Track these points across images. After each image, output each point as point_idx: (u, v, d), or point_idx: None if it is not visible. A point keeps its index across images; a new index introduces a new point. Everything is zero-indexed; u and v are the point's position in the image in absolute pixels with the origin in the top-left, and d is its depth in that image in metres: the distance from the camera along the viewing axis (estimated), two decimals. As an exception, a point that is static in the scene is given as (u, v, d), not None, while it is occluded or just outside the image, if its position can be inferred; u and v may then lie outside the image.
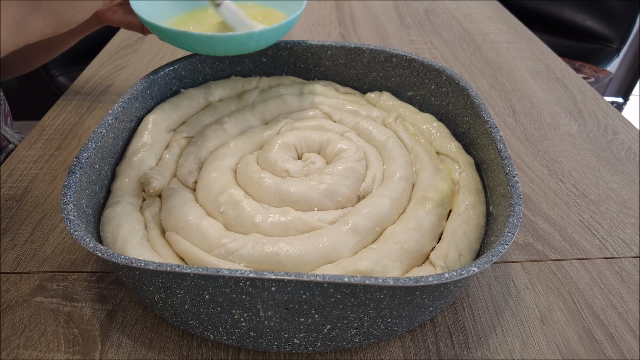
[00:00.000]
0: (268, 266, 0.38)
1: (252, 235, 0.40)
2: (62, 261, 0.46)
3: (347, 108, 0.57)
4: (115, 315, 0.41)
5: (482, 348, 0.40)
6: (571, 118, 0.69)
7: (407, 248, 0.40)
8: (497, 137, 0.44)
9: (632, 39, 1.39)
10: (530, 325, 0.41)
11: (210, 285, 0.32)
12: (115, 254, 0.33)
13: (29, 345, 0.39)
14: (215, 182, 0.45)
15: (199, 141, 0.51)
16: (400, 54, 0.58)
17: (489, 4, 1.08)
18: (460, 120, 0.54)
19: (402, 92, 0.60)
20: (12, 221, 0.51)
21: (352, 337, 0.36)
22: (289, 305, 0.33)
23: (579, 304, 0.43)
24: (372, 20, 1.00)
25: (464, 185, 0.46)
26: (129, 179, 0.46)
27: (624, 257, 0.48)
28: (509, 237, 0.35)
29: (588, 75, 1.27)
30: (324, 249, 0.39)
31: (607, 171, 0.59)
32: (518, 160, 0.60)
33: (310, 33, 0.94)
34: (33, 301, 0.42)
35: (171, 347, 0.39)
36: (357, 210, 0.42)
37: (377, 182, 0.47)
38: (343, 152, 0.48)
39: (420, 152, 0.50)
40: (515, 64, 0.83)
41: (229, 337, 0.37)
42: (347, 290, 0.32)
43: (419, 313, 0.36)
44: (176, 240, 0.41)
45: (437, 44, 0.90)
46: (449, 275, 0.32)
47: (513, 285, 0.45)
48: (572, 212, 0.53)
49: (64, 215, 0.36)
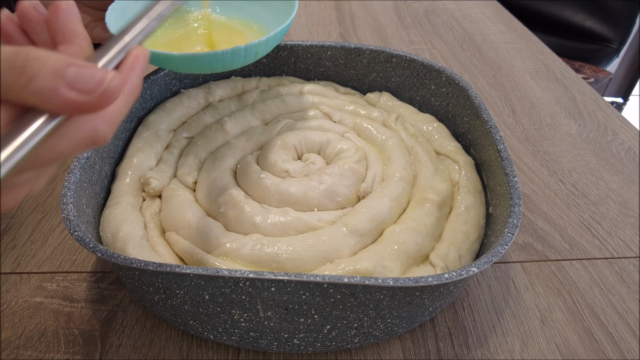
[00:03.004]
0: (268, 266, 0.38)
1: (252, 236, 0.40)
2: (62, 261, 0.46)
3: (347, 108, 0.57)
4: (115, 316, 0.41)
5: (482, 348, 0.40)
6: (571, 118, 0.69)
7: (407, 248, 0.40)
8: (497, 138, 0.44)
9: (632, 39, 1.38)
10: (530, 325, 0.41)
11: (210, 286, 0.32)
12: (115, 255, 0.33)
13: (29, 346, 0.39)
14: (215, 182, 0.45)
15: (199, 141, 0.51)
16: (400, 55, 0.58)
17: (489, 4, 1.08)
18: (460, 121, 0.54)
19: (402, 93, 0.60)
20: (12, 221, 0.51)
21: (352, 338, 0.36)
22: (289, 306, 0.33)
23: (579, 304, 0.43)
24: (372, 20, 1.00)
25: (463, 186, 0.46)
26: (129, 179, 0.46)
27: (624, 257, 0.48)
28: (508, 238, 0.35)
29: (588, 75, 1.27)
30: (323, 250, 0.39)
31: (607, 171, 0.59)
32: (518, 161, 0.60)
33: (310, 33, 0.94)
34: (33, 301, 0.42)
35: (171, 347, 0.39)
36: (357, 210, 0.42)
37: (377, 182, 0.47)
38: (343, 152, 0.48)
39: (420, 152, 0.50)
40: (515, 64, 0.83)
41: (229, 337, 0.37)
42: (347, 290, 0.32)
43: (418, 313, 0.36)
44: (176, 240, 0.41)
45: (437, 44, 0.90)
46: (448, 276, 0.32)
47: (513, 285, 0.45)
48: (572, 212, 0.53)
49: (63, 215, 0.36)
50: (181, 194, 0.45)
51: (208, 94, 0.57)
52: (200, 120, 0.54)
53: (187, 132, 0.52)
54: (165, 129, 0.52)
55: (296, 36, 0.92)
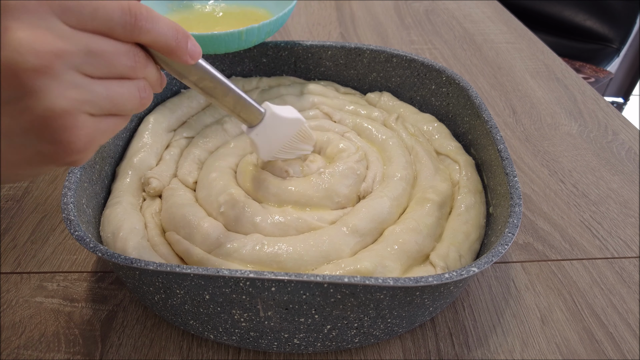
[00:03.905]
0: (268, 266, 0.38)
1: (252, 236, 0.40)
2: (62, 261, 0.46)
3: (348, 108, 0.57)
4: (116, 316, 0.41)
5: (482, 348, 0.40)
6: (571, 118, 0.69)
7: (407, 248, 0.40)
8: (497, 138, 0.44)
9: (632, 39, 1.38)
10: (531, 325, 0.41)
11: (210, 286, 0.32)
12: (115, 254, 0.33)
13: (29, 346, 0.39)
14: (215, 182, 0.45)
15: (199, 141, 0.51)
16: (400, 54, 0.58)
17: (489, 4, 1.08)
18: (460, 121, 0.54)
19: (403, 93, 0.60)
20: (13, 221, 0.51)
21: (352, 338, 0.36)
22: (289, 306, 0.33)
23: (579, 304, 0.43)
24: (372, 20, 1.00)
25: (464, 186, 0.46)
26: (129, 179, 0.46)
27: (624, 257, 0.48)
28: (509, 238, 0.35)
29: (588, 75, 1.27)
30: (324, 249, 0.39)
31: (607, 171, 0.59)
32: (518, 161, 0.60)
33: (311, 33, 0.94)
34: (33, 301, 0.42)
35: (171, 347, 0.39)
36: (357, 210, 0.42)
37: (377, 182, 0.47)
38: (343, 152, 0.48)
39: (420, 152, 0.50)
40: (516, 64, 0.83)
41: (229, 337, 0.37)
42: (347, 290, 0.32)
43: (419, 313, 0.36)
44: (176, 240, 0.41)
45: (438, 44, 0.90)
46: (449, 276, 0.32)
47: (513, 285, 0.45)
48: (573, 212, 0.53)
49: (64, 215, 0.36)
50: (181, 193, 0.45)
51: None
52: (201, 120, 0.54)
53: (188, 132, 0.52)
54: (166, 129, 0.52)
55: (296, 36, 0.92)
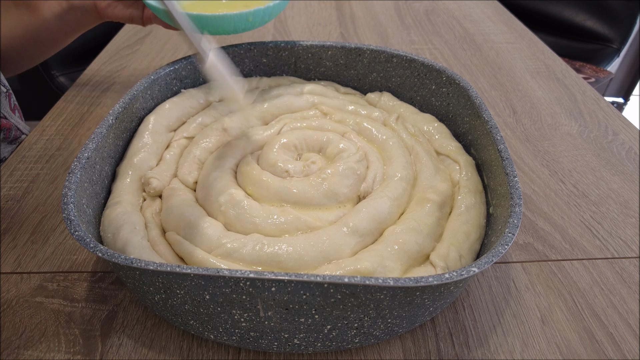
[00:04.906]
0: (268, 266, 0.38)
1: (252, 236, 0.40)
2: (62, 261, 0.46)
3: (348, 108, 0.57)
4: (116, 316, 0.41)
5: (482, 348, 0.40)
6: (571, 118, 0.69)
7: (408, 248, 0.40)
8: (498, 138, 0.44)
9: (632, 39, 1.39)
10: (531, 325, 0.41)
11: (210, 286, 0.32)
12: (115, 254, 0.33)
13: (29, 346, 0.39)
14: (215, 182, 0.45)
15: (199, 141, 0.51)
16: (400, 55, 0.58)
17: (489, 4, 1.08)
18: (460, 121, 0.54)
19: (403, 93, 0.60)
20: (13, 221, 0.51)
21: (353, 338, 0.36)
22: (289, 306, 0.33)
23: (579, 304, 0.43)
24: (372, 20, 1.00)
25: (464, 186, 0.46)
26: (130, 179, 0.46)
27: (625, 258, 0.48)
28: (509, 238, 0.35)
29: (588, 75, 1.27)
30: (324, 249, 0.39)
31: (607, 171, 0.59)
32: (518, 161, 0.60)
33: (311, 33, 0.94)
34: (33, 301, 0.42)
35: (171, 347, 0.39)
36: (358, 210, 0.42)
37: (378, 182, 0.47)
38: (343, 152, 0.48)
39: (420, 152, 0.50)
40: (516, 64, 0.83)
41: (229, 337, 0.37)
42: (348, 290, 0.32)
43: (419, 313, 0.36)
44: (176, 240, 0.41)
45: (438, 44, 0.90)
46: (449, 276, 0.32)
47: (513, 285, 0.45)
48: (573, 212, 0.53)
49: (64, 215, 0.36)
50: (182, 193, 0.45)
51: (208, 94, 0.57)
52: (200, 120, 0.54)
53: (187, 132, 0.52)
54: (166, 129, 0.52)
55: (296, 36, 0.92)
